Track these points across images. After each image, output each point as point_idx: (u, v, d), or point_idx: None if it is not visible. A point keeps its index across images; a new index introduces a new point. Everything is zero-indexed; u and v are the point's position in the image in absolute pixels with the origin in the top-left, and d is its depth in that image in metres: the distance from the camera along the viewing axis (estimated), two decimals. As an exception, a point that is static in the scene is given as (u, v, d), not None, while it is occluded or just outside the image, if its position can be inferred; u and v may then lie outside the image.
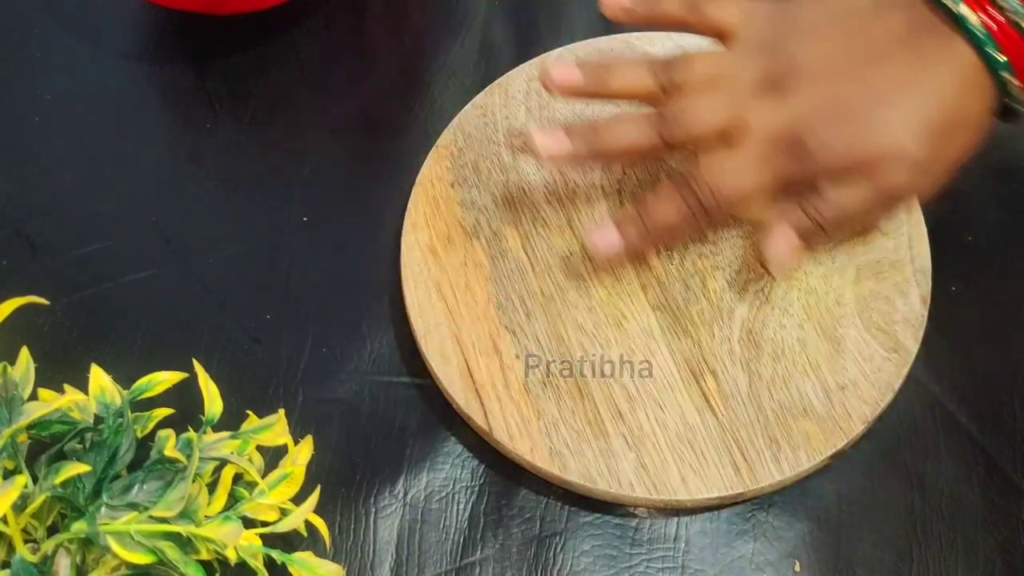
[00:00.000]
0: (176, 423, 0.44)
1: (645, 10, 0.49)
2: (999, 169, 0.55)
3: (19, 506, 0.39)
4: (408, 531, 0.46)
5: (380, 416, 0.49)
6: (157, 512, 0.39)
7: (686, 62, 0.46)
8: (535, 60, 0.57)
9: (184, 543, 0.40)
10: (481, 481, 0.47)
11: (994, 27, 0.42)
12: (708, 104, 0.45)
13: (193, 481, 0.40)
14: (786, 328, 0.49)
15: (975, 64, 0.43)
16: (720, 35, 0.48)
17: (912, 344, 0.48)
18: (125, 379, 0.44)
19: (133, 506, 0.40)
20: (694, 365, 0.48)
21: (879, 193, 0.44)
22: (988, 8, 0.42)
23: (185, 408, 0.45)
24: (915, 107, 0.43)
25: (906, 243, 0.51)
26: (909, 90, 0.43)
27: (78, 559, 0.40)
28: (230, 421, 0.44)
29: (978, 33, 0.42)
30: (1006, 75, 0.43)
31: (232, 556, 0.41)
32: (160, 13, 0.62)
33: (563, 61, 0.48)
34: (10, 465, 0.41)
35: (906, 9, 0.44)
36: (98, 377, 0.43)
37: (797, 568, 0.45)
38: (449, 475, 0.48)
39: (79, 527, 0.39)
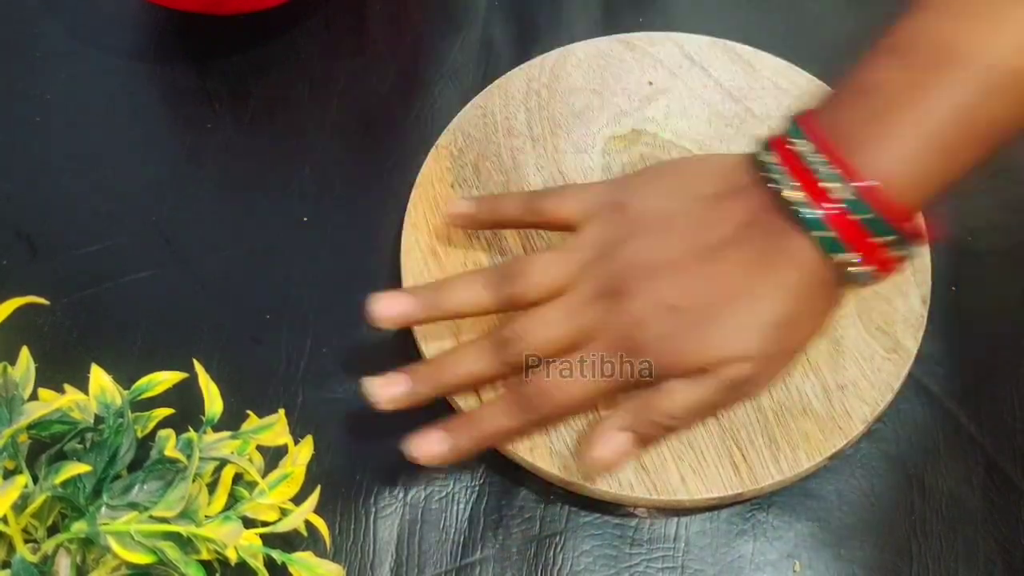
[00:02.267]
0: (176, 423, 0.44)
1: (487, 216, 0.49)
2: (999, 169, 0.55)
3: (19, 506, 0.39)
4: (408, 531, 0.46)
5: (380, 416, 0.49)
6: (157, 512, 0.39)
7: (522, 274, 0.45)
8: (535, 60, 0.57)
9: (184, 543, 0.40)
10: (481, 481, 0.47)
11: (832, 213, 0.40)
12: (550, 321, 0.44)
13: (193, 481, 0.40)
14: (786, 328, 0.49)
15: (815, 253, 0.41)
16: (563, 228, 0.47)
17: (912, 344, 0.48)
18: (125, 379, 0.44)
19: (133, 506, 0.40)
20: (694, 365, 0.48)
21: (723, 387, 0.43)
22: (824, 195, 0.40)
23: (185, 408, 0.45)
24: (756, 311, 0.42)
25: (906, 243, 0.51)
26: (748, 295, 0.42)
27: (78, 559, 0.40)
28: (230, 421, 0.44)
29: (811, 218, 0.40)
30: (843, 257, 0.41)
31: (232, 556, 0.41)
32: (160, 13, 0.62)
33: (390, 293, 0.46)
34: (10, 465, 0.41)
35: (746, 197, 0.42)
36: (98, 377, 0.43)
37: (797, 568, 0.45)
38: (449, 475, 0.48)
39: (79, 527, 0.39)
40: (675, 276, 0.43)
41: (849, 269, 0.41)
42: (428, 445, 0.44)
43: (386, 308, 0.46)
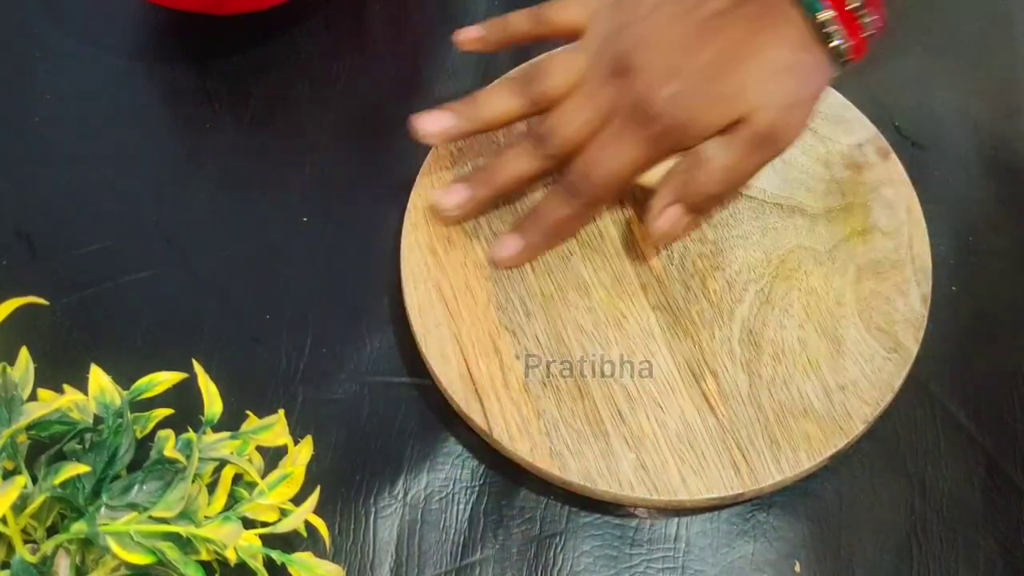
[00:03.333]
0: (176, 423, 0.44)
1: (497, 34, 0.51)
2: (999, 169, 0.55)
3: (19, 506, 0.39)
4: (408, 531, 0.46)
5: (380, 416, 0.49)
6: (157, 512, 0.39)
7: (542, 72, 0.49)
8: (535, 60, 0.57)
9: (184, 543, 0.40)
10: (481, 481, 0.47)
11: None
12: (574, 110, 0.47)
13: (193, 481, 0.40)
14: (786, 328, 0.49)
15: (802, 17, 0.45)
16: (571, 35, 0.49)
17: (912, 344, 0.48)
18: (125, 379, 0.44)
19: (133, 506, 0.40)
20: (694, 365, 0.48)
21: (753, 142, 0.45)
22: None
23: (185, 408, 0.45)
24: (763, 60, 0.45)
25: (906, 243, 0.51)
26: (752, 48, 0.45)
27: (78, 559, 0.40)
28: (230, 421, 0.44)
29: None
30: (822, 16, 0.44)
31: (232, 556, 0.40)
32: (160, 13, 0.62)
33: (430, 112, 0.50)
34: (9, 465, 0.41)
35: None
36: (98, 377, 0.43)
37: (797, 568, 0.45)
38: (449, 475, 0.48)
39: (79, 528, 0.39)
40: (678, 45, 0.46)
41: (829, 34, 0.44)
42: (505, 245, 0.51)
43: (430, 124, 0.50)
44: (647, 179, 0.49)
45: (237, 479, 0.43)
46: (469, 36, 0.51)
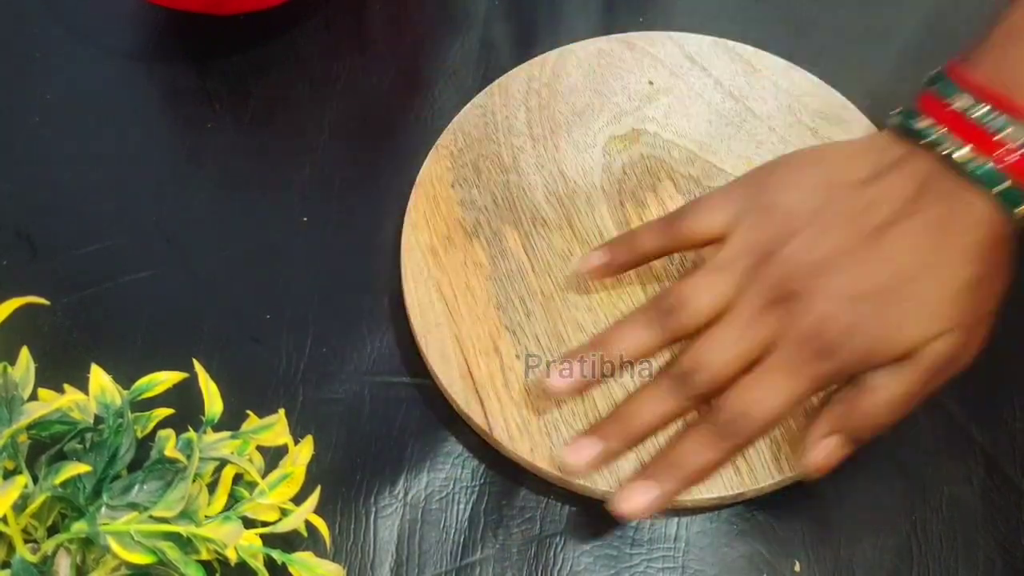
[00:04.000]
0: (176, 423, 0.44)
1: (625, 257, 0.47)
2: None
3: (19, 506, 0.39)
4: (408, 531, 0.46)
5: (380, 416, 0.49)
6: (157, 512, 0.39)
7: (681, 304, 0.43)
8: (535, 60, 0.57)
9: (184, 543, 0.40)
10: (481, 481, 0.47)
11: (1011, 162, 0.38)
12: (725, 342, 0.42)
13: (193, 481, 0.40)
14: (786, 328, 0.49)
15: (994, 208, 0.39)
16: (711, 244, 0.44)
17: (912, 344, 0.48)
18: (125, 379, 0.44)
19: (133, 506, 0.40)
20: (694, 365, 0.48)
21: (929, 370, 0.41)
22: (995, 146, 0.38)
23: (185, 408, 0.45)
24: (945, 281, 0.40)
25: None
26: (932, 266, 0.40)
27: (78, 559, 0.40)
28: (230, 421, 0.44)
29: (986, 174, 0.39)
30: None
31: (232, 556, 0.40)
32: (160, 13, 0.62)
33: (556, 366, 0.45)
34: (10, 465, 0.41)
35: (906, 170, 0.41)
36: (98, 377, 0.43)
37: (797, 568, 0.45)
38: (449, 475, 0.48)
39: (79, 527, 0.39)
40: (849, 265, 0.40)
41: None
42: (633, 497, 0.42)
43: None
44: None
45: (237, 479, 0.43)
46: (593, 265, 0.47)
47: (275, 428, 0.44)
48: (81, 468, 0.39)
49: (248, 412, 0.45)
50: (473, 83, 0.59)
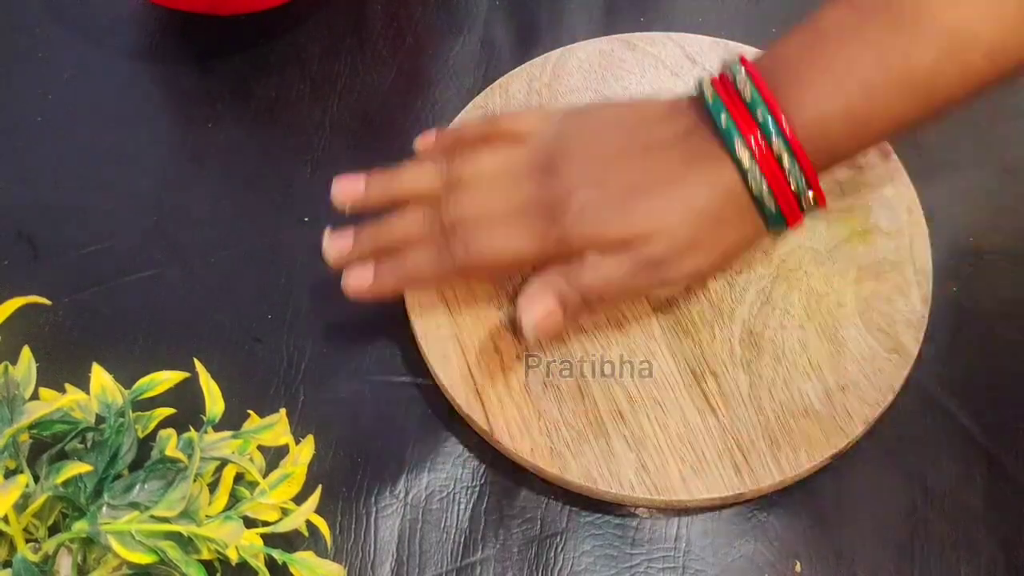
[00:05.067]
0: (177, 423, 0.44)
1: (451, 138, 0.50)
2: (1000, 170, 0.55)
3: (21, 506, 0.39)
4: (409, 531, 0.46)
5: (381, 416, 0.49)
6: (158, 512, 0.39)
7: (471, 160, 0.48)
8: (536, 60, 0.57)
9: (185, 543, 0.40)
10: (482, 481, 0.47)
11: (758, 153, 0.42)
12: (485, 195, 0.46)
13: (194, 481, 0.40)
14: (787, 329, 0.49)
15: (739, 185, 0.43)
16: (516, 140, 0.48)
17: (913, 345, 0.48)
18: (126, 379, 0.44)
19: (134, 506, 0.40)
20: (695, 366, 0.48)
21: (640, 264, 0.44)
22: (756, 136, 0.42)
23: (186, 408, 0.45)
24: (681, 195, 0.44)
25: (907, 244, 0.51)
26: (675, 182, 0.44)
27: (79, 559, 0.40)
28: (231, 421, 0.44)
29: (743, 160, 0.42)
30: (765, 201, 0.43)
31: (233, 556, 0.41)
32: (161, 13, 0.62)
33: (347, 176, 0.49)
34: (11, 465, 0.41)
35: (684, 116, 0.45)
36: (99, 377, 0.43)
37: (798, 568, 0.45)
38: (450, 475, 0.48)
39: (80, 527, 0.39)
40: (611, 159, 0.45)
41: (764, 201, 0.43)
42: (349, 275, 0.48)
43: (342, 190, 0.49)
44: None
45: (238, 478, 0.43)
46: (425, 140, 0.50)
47: (276, 428, 0.44)
48: (82, 468, 0.39)
49: (249, 412, 0.45)
50: (474, 83, 0.59)
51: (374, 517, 0.47)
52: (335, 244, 0.49)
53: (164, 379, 0.44)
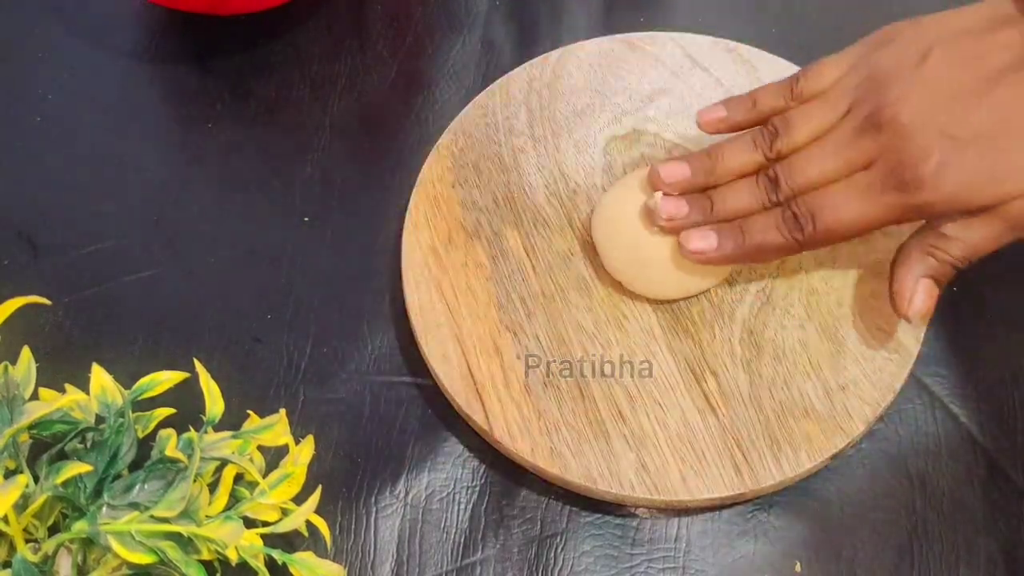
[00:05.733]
0: (177, 423, 0.44)
1: (743, 114, 0.48)
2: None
3: (20, 506, 0.39)
4: (409, 531, 0.46)
5: (381, 416, 0.49)
6: (158, 512, 0.39)
7: (787, 128, 0.45)
8: (536, 60, 0.57)
9: (185, 543, 0.40)
10: (482, 481, 0.47)
11: None
12: (820, 158, 0.44)
13: (194, 481, 0.40)
14: (787, 328, 0.49)
15: None
16: (824, 100, 0.45)
17: (913, 344, 0.48)
18: (126, 379, 0.44)
19: (134, 506, 0.40)
20: (695, 365, 0.48)
21: (1009, 225, 0.41)
22: None
23: (186, 408, 0.45)
24: None
25: (907, 243, 0.51)
26: None
27: (79, 559, 0.40)
28: (231, 421, 0.44)
29: None
30: None
31: (233, 556, 0.41)
32: (160, 13, 0.62)
33: (671, 160, 0.48)
34: (11, 465, 0.41)
35: (1020, 23, 0.41)
36: (99, 377, 0.43)
37: (798, 568, 0.45)
38: (450, 475, 0.48)
39: (80, 527, 0.39)
40: (955, 106, 0.40)
41: None
42: (693, 238, 0.46)
43: (668, 174, 0.47)
44: None
45: (238, 479, 0.43)
46: (711, 117, 0.48)
47: (276, 428, 0.44)
48: (82, 468, 0.39)
49: (249, 412, 0.45)
50: (474, 83, 0.59)
51: (374, 517, 0.47)
52: (671, 204, 0.46)
53: (164, 379, 0.44)
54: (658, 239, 0.48)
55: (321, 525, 0.43)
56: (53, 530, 0.41)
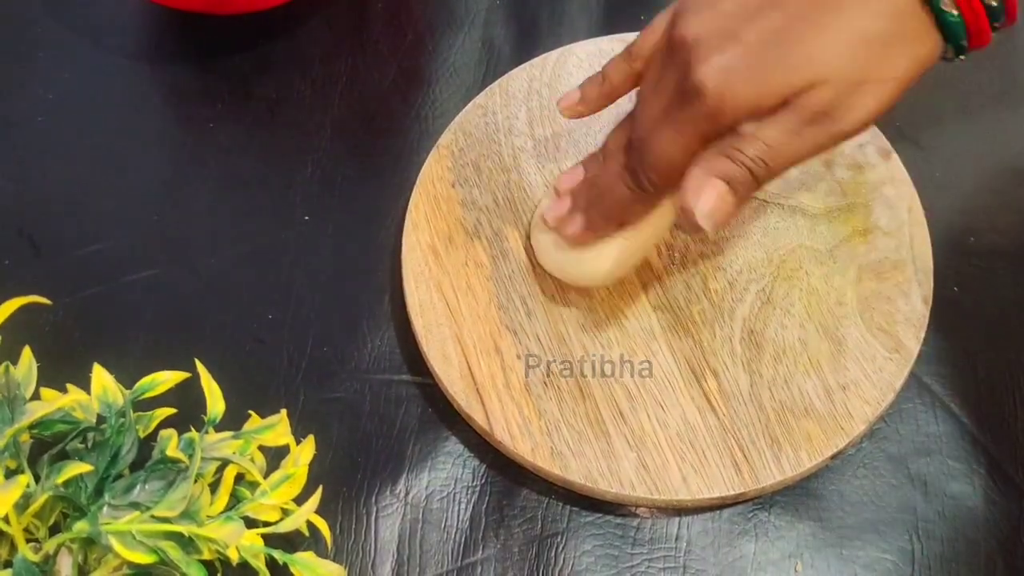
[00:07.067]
0: (178, 423, 0.44)
1: (596, 92, 0.48)
2: (1001, 171, 0.55)
3: (21, 505, 0.40)
4: (409, 531, 0.46)
5: (381, 416, 0.49)
6: (159, 512, 0.39)
7: (638, 99, 0.45)
8: (536, 59, 0.57)
9: (186, 543, 0.40)
10: (482, 481, 0.47)
11: None
12: (647, 111, 0.43)
13: (195, 481, 0.40)
14: (787, 328, 0.49)
15: None
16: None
17: (914, 344, 0.48)
18: (127, 379, 0.44)
19: (135, 506, 0.40)
20: (695, 365, 0.48)
21: (804, 120, 0.39)
22: None
23: (187, 408, 0.45)
24: (840, 24, 0.38)
25: (908, 243, 0.51)
26: (829, 10, 0.38)
27: (80, 559, 0.40)
28: (232, 421, 0.44)
29: None
30: (943, 4, 0.38)
31: (234, 556, 0.41)
32: (161, 13, 0.62)
33: (572, 168, 0.49)
34: (12, 464, 0.41)
35: None
36: (100, 377, 0.43)
37: (798, 568, 0.45)
38: (450, 475, 0.48)
39: (81, 527, 0.39)
40: (736, 11, 0.39)
41: (945, 12, 0.38)
42: (569, 226, 0.47)
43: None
44: None
45: (239, 479, 0.43)
46: (570, 102, 0.48)
47: (277, 428, 0.44)
48: (83, 467, 0.39)
49: (250, 412, 0.45)
50: (474, 83, 0.59)
51: (374, 517, 0.47)
52: (554, 206, 0.48)
53: (165, 379, 0.44)
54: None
55: (322, 525, 0.43)
56: (54, 530, 0.41)
